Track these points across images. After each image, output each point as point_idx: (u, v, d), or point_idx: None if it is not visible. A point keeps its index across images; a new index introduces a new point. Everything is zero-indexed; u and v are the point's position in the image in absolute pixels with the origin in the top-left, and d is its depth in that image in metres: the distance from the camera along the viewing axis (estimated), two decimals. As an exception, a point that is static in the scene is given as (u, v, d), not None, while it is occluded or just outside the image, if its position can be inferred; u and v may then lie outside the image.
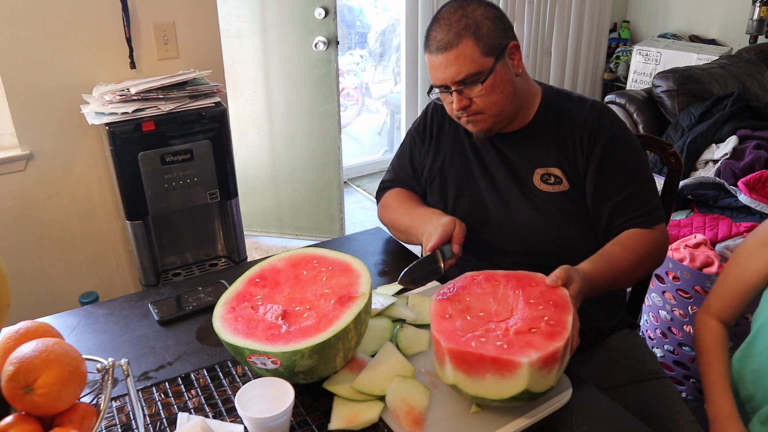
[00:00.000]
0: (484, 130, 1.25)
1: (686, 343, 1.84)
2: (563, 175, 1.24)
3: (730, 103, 2.63)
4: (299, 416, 0.96)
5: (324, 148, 2.89)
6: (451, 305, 1.00)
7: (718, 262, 1.76)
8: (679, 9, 4.03)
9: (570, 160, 1.24)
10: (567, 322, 0.93)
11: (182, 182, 1.96)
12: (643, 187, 1.23)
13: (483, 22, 1.17)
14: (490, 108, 1.20)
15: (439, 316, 0.98)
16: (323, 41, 2.67)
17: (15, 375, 0.77)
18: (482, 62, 1.16)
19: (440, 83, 1.21)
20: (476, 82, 1.17)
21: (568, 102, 1.29)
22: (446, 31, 1.17)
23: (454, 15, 1.17)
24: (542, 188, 1.25)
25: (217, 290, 1.28)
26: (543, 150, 1.26)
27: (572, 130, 1.25)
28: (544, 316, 0.95)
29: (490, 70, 1.17)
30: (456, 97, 1.20)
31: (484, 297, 1.01)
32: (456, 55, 1.16)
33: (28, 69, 1.92)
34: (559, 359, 0.91)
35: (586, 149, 1.23)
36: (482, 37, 1.16)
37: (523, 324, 0.94)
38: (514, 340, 0.91)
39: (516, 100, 1.24)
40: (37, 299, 2.16)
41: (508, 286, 1.03)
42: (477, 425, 0.93)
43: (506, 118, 1.25)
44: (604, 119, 1.24)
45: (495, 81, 1.18)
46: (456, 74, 1.17)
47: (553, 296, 0.99)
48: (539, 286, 1.02)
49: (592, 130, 1.23)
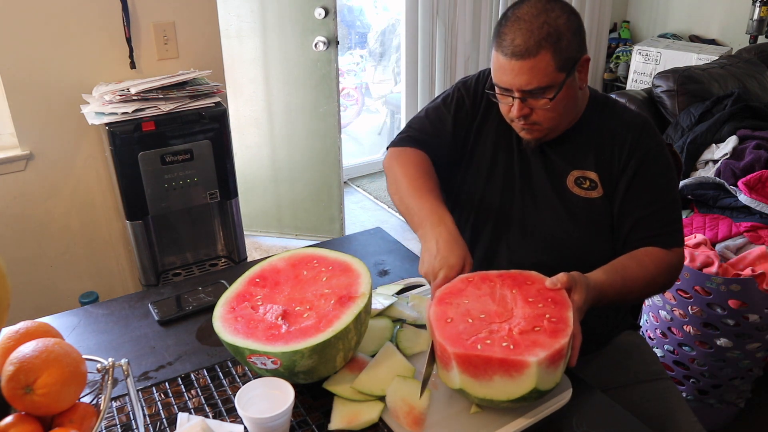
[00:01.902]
0: (537, 138, 1.21)
1: (686, 343, 1.84)
2: (599, 180, 1.21)
3: (730, 103, 2.63)
4: (299, 416, 0.96)
5: (324, 148, 2.89)
6: (451, 309, 0.99)
7: (718, 262, 1.76)
8: (679, 9, 4.03)
9: (607, 166, 1.21)
10: (569, 318, 0.94)
11: (182, 182, 1.96)
12: (669, 207, 1.21)
13: (564, 34, 1.09)
14: (548, 121, 1.16)
15: (441, 320, 0.97)
16: (323, 41, 2.67)
17: (15, 375, 0.77)
18: (555, 77, 1.11)
19: (505, 86, 1.14)
20: (543, 95, 1.13)
21: (613, 110, 1.26)
22: (526, 36, 1.08)
23: (536, 20, 1.09)
24: (575, 191, 1.22)
25: (217, 290, 1.28)
26: (582, 153, 1.23)
27: (613, 138, 1.22)
28: (545, 313, 0.95)
29: (561, 85, 1.12)
30: (518, 104, 1.14)
31: (482, 298, 1.01)
32: (531, 66, 1.09)
33: (28, 69, 1.92)
34: (565, 355, 0.91)
35: (624, 159, 1.20)
36: (561, 50, 1.09)
37: (526, 323, 0.94)
38: (519, 340, 0.91)
39: (573, 113, 1.21)
40: (37, 299, 2.16)
41: (504, 286, 1.03)
42: (477, 425, 0.93)
43: (561, 130, 1.22)
44: (644, 133, 1.21)
45: (561, 97, 1.14)
46: (526, 84, 1.11)
47: (551, 293, 0.99)
48: (535, 284, 1.02)
49: (632, 142, 1.20)
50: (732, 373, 1.81)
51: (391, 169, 1.29)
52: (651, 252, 1.17)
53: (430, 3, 3.33)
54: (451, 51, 3.52)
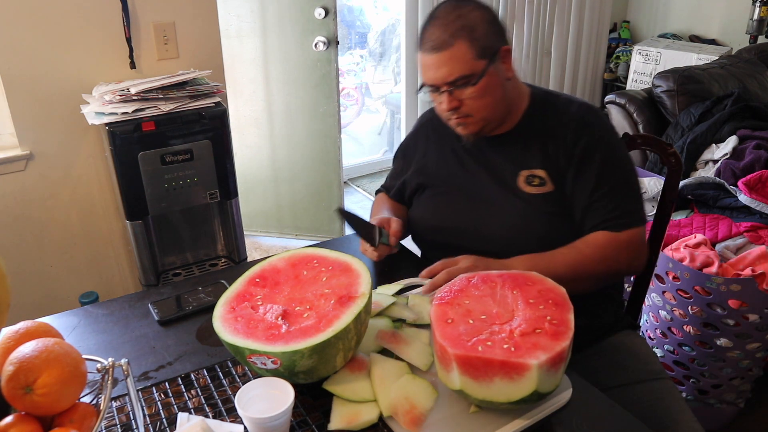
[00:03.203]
0: (474, 132, 1.26)
1: (686, 343, 1.84)
2: (547, 176, 1.24)
3: (730, 103, 2.63)
4: (299, 416, 0.96)
5: (324, 148, 2.89)
6: (452, 309, 0.99)
7: (718, 262, 1.76)
8: (679, 9, 4.03)
9: (553, 161, 1.24)
10: (570, 320, 0.93)
11: (182, 182, 1.96)
12: (619, 191, 1.22)
13: (479, 24, 1.17)
14: (479, 111, 1.21)
15: (441, 321, 0.97)
16: (323, 41, 2.67)
17: (15, 375, 0.77)
18: (475, 65, 1.17)
19: (431, 83, 1.21)
20: (467, 84, 1.18)
21: (555, 104, 1.29)
22: (441, 30, 1.17)
23: (450, 15, 1.18)
24: (527, 190, 1.25)
25: (217, 290, 1.28)
26: (527, 152, 1.27)
27: (556, 131, 1.25)
28: (547, 315, 0.95)
29: (482, 72, 1.17)
30: (446, 97, 1.20)
31: (483, 299, 1.01)
32: (449, 56, 1.16)
33: (28, 69, 1.92)
34: (565, 358, 0.91)
35: (569, 149, 1.23)
36: (477, 39, 1.16)
37: (527, 325, 0.94)
38: (520, 342, 0.91)
39: (505, 104, 1.25)
40: (37, 299, 2.16)
41: (505, 286, 1.03)
42: (476, 425, 0.92)
43: (495, 122, 1.26)
44: (588, 120, 1.24)
45: (486, 84, 1.18)
46: (448, 75, 1.17)
47: (552, 295, 0.99)
48: (536, 285, 1.02)
49: (575, 131, 1.23)
50: (732, 373, 1.81)
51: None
52: (594, 237, 1.21)
53: (430, 3, 3.33)
54: (451, 51, 3.51)
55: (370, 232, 1.34)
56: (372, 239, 1.33)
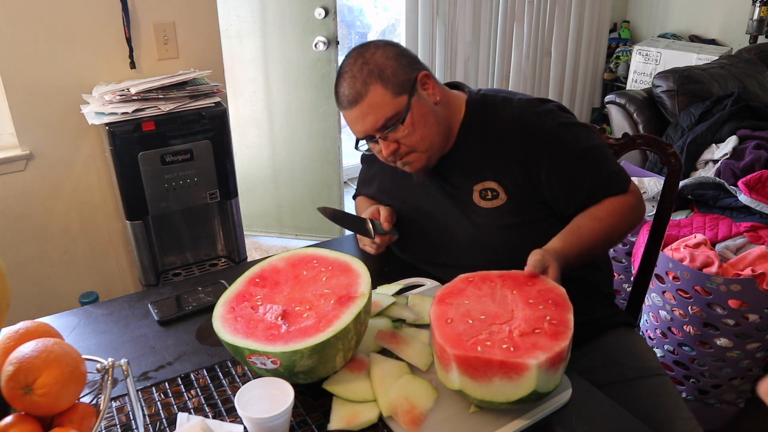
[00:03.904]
0: (421, 168, 1.24)
1: (686, 343, 1.84)
2: (500, 187, 1.23)
3: (730, 103, 2.63)
4: (299, 416, 0.96)
5: (324, 148, 2.89)
6: (451, 309, 0.99)
7: (718, 262, 1.76)
8: (679, 9, 4.03)
9: (503, 171, 1.23)
10: (569, 320, 0.93)
11: (182, 182, 1.96)
12: (597, 161, 1.22)
13: (385, 64, 1.16)
14: (418, 144, 1.20)
15: (441, 321, 0.97)
16: (323, 41, 2.67)
17: (15, 375, 0.77)
18: (395, 103, 1.16)
19: (363, 135, 1.21)
20: (396, 123, 1.17)
21: (491, 107, 1.27)
22: (352, 83, 1.16)
23: (355, 65, 1.17)
24: (482, 205, 1.24)
25: (217, 290, 1.28)
26: (475, 164, 1.25)
27: (498, 138, 1.23)
28: (546, 315, 0.95)
29: (407, 108, 1.16)
30: (383, 143, 1.19)
31: (482, 299, 1.01)
32: (369, 104, 1.15)
33: (28, 69, 1.92)
34: (565, 358, 0.91)
35: (520, 156, 1.21)
36: (388, 78, 1.15)
37: (527, 325, 0.94)
38: (519, 342, 0.91)
39: (442, 129, 1.23)
40: (37, 299, 2.16)
41: (504, 286, 1.03)
42: (476, 425, 0.92)
43: (439, 149, 1.24)
44: (527, 119, 1.22)
45: (415, 117, 1.17)
46: (375, 123, 1.17)
47: (551, 295, 0.99)
48: (536, 285, 1.02)
49: (520, 134, 1.21)
50: (732, 373, 1.81)
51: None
52: (601, 204, 1.20)
53: (430, 3, 3.33)
54: (451, 51, 3.52)
55: (362, 225, 1.34)
56: (367, 231, 1.33)
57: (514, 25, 3.72)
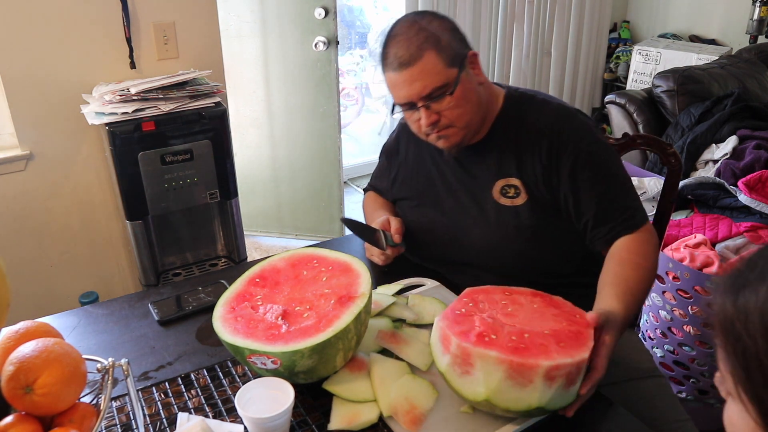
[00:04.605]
0: (456, 144, 1.22)
1: (686, 343, 1.84)
2: (522, 186, 1.22)
3: (730, 103, 2.63)
4: (299, 416, 0.96)
5: (324, 148, 2.89)
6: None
7: (718, 262, 1.76)
8: (679, 9, 4.03)
9: (528, 171, 1.22)
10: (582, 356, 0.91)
11: (182, 182, 1.96)
12: (622, 191, 1.21)
13: (442, 34, 1.15)
14: (459, 119, 1.18)
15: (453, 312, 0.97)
16: (323, 41, 2.67)
17: (15, 375, 0.77)
18: (447, 73, 1.14)
19: (405, 101, 1.18)
20: (444, 94, 1.15)
21: (529, 106, 1.26)
22: (406, 45, 1.13)
23: (411, 29, 1.14)
24: (501, 202, 1.23)
25: (217, 290, 1.28)
26: (503, 160, 1.24)
27: (530, 137, 1.22)
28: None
29: (456, 80, 1.15)
30: (424, 113, 1.17)
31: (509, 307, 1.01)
32: (420, 69, 1.13)
33: (28, 69, 1.92)
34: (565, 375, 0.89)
35: (545, 160, 1.20)
36: (444, 48, 1.14)
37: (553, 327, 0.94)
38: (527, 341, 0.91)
39: (481, 109, 1.22)
40: (37, 299, 2.16)
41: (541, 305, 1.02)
42: (476, 425, 0.92)
43: (474, 129, 1.23)
44: (564, 127, 1.20)
45: (462, 92, 1.16)
46: (422, 89, 1.14)
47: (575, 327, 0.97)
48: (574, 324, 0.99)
49: (552, 140, 1.20)
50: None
51: (363, 209, 1.55)
52: (630, 246, 1.17)
53: (430, 3, 3.33)
54: (451, 51, 3.51)
55: (375, 236, 1.34)
56: (379, 243, 1.33)
57: (514, 25, 3.72)
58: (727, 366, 0.52)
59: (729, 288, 0.52)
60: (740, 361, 0.50)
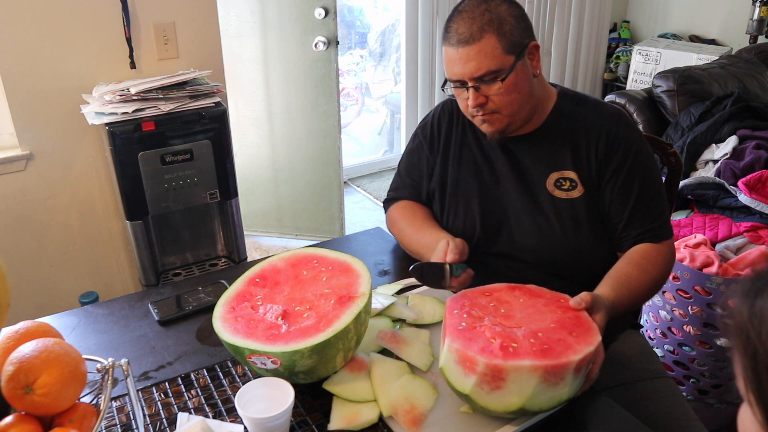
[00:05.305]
0: (499, 130, 1.22)
1: (686, 343, 1.84)
2: (578, 179, 1.22)
3: (730, 103, 2.63)
4: (299, 416, 0.96)
5: (324, 148, 2.89)
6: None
7: (718, 262, 1.76)
8: (679, 9, 4.03)
9: (584, 164, 1.22)
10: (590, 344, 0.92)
11: (182, 182, 1.96)
12: (657, 199, 1.22)
13: (506, 19, 1.14)
14: (506, 107, 1.17)
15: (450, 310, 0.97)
16: (323, 41, 2.67)
17: (15, 375, 0.77)
18: (503, 59, 1.14)
19: (457, 78, 1.17)
20: (495, 79, 1.14)
21: (584, 105, 1.27)
22: (469, 24, 1.13)
23: (477, 8, 1.14)
24: (556, 194, 1.23)
25: (217, 290, 1.28)
26: (557, 153, 1.24)
27: (587, 133, 1.23)
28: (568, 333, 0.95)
29: (511, 68, 1.14)
30: (473, 93, 1.16)
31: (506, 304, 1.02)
32: (478, 50, 1.13)
33: (28, 69, 1.92)
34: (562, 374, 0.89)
35: (602, 155, 1.21)
36: (505, 33, 1.13)
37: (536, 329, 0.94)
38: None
39: (532, 102, 1.21)
40: (37, 299, 2.16)
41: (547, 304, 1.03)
42: (476, 425, 0.92)
43: (521, 120, 1.22)
44: (622, 126, 1.22)
45: (514, 80, 1.15)
46: (475, 70, 1.14)
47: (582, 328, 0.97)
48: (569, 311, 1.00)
49: (609, 136, 1.21)
50: (732, 373, 1.81)
51: (393, 225, 1.43)
52: (646, 252, 1.19)
53: (430, 3, 3.33)
54: (451, 51, 3.51)
55: (442, 270, 1.15)
56: (444, 282, 1.15)
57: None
58: (740, 370, 0.52)
59: (747, 292, 0.52)
60: (751, 366, 0.50)
